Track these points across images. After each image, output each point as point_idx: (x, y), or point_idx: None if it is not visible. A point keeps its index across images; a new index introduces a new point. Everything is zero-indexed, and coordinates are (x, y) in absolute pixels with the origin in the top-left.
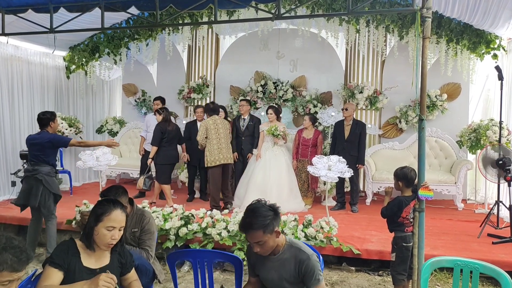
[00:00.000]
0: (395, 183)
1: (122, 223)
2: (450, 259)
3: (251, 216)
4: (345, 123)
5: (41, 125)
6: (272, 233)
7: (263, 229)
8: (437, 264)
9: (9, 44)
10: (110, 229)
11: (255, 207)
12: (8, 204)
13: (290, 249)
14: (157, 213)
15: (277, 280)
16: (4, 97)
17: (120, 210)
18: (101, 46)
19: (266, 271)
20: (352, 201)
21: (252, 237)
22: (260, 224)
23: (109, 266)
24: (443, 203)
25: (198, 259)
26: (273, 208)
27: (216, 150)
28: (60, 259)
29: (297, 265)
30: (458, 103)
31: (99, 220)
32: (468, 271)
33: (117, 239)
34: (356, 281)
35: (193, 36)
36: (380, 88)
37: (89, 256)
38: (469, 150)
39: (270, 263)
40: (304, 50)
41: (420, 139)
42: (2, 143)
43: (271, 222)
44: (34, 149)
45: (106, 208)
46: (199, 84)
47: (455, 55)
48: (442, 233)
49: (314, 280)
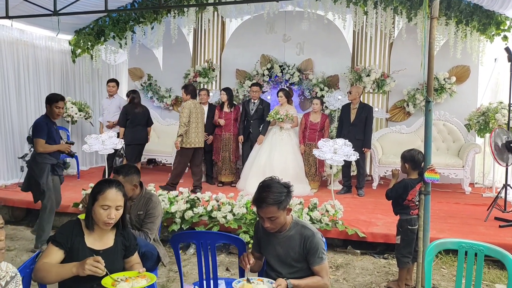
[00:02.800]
0: (401, 165)
1: (117, 202)
2: (455, 241)
3: (267, 191)
4: (352, 106)
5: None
6: (284, 209)
7: (278, 205)
8: (441, 246)
9: (15, 28)
10: (105, 208)
11: (270, 183)
12: (16, 187)
13: (296, 226)
14: (163, 196)
15: (282, 256)
16: (11, 81)
17: (115, 189)
18: (106, 30)
19: (271, 247)
20: (358, 185)
21: (266, 212)
22: (275, 199)
23: (113, 248)
24: (451, 187)
25: (202, 240)
26: (286, 185)
27: (193, 133)
28: (63, 238)
29: (302, 242)
30: (467, 86)
31: (95, 199)
32: (472, 253)
33: (115, 219)
34: (361, 264)
35: (199, 19)
36: (388, 71)
37: (93, 237)
38: (477, 134)
39: (275, 239)
40: (311, 33)
41: (426, 121)
42: (10, 127)
43: (285, 199)
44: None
45: (101, 187)
46: (205, 68)
47: (464, 37)
48: (449, 216)
49: (318, 258)
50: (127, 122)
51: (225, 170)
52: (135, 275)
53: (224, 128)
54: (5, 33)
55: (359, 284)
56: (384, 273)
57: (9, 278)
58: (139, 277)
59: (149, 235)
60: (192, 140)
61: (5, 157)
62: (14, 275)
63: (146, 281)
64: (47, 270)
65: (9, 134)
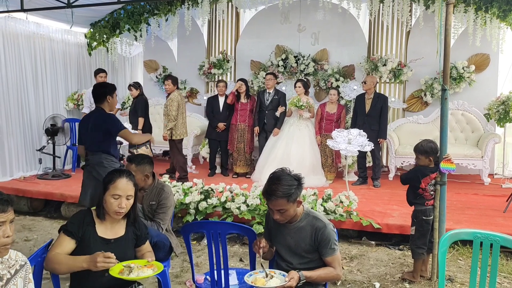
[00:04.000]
0: (416, 158)
1: (128, 191)
2: (470, 231)
3: (277, 183)
4: (366, 96)
5: (96, 101)
6: (294, 202)
7: (287, 198)
8: (456, 236)
9: (31, 21)
10: (116, 197)
11: (280, 175)
12: (34, 179)
13: (307, 217)
14: (177, 187)
15: (293, 247)
16: (28, 74)
17: (126, 179)
18: (121, 22)
19: (282, 238)
20: (374, 176)
21: (275, 205)
22: (285, 192)
23: (124, 238)
24: (469, 178)
25: (212, 230)
26: (297, 177)
27: (181, 124)
28: (74, 227)
29: (313, 233)
30: (487, 74)
31: (106, 189)
32: (488, 243)
33: (125, 208)
34: (375, 255)
35: (213, 10)
36: (405, 60)
37: (104, 226)
38: (497, 123)
39: (286, 230)
40: (326, 23)
41: (442, 110)
42: (28, 120)
43: (295, 192)
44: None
45: (111, 177)
46: (219, 59)
47: (484, 24)
48: (466, 207)
49: (329, 249)
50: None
51: (240, 161)
52: (143, 263)
53: (239, 118)
54: (22, 26)
55: (373, 275)
56: (399, 265)
57: (18, 267)
58: (147, 266)
59: (161, 225)
60: (180, 132)
61: (24, 149)
62: (24, 264)
63: (153, 271)
64: (59, 262)
65: (27, 126)
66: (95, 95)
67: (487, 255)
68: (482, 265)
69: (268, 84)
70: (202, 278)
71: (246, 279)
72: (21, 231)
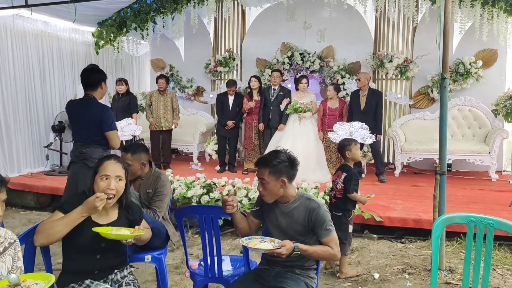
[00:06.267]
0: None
1: (116, 171)
2: (463, 215)
3: (270, 154)
4: (361, 93)
5: (89, 87)
6: (277, 178)
7: (270, 169)
8: (449, 220)
9: (39, 20)
10: (104, 178)
11: (277, 150)
12: (41, 175)
13: (300, 198)
14: (180, 181)
15: (284, 228)
16: (36, 72)
17: (113, 161)
18: (128, 21)
19: (274, 216)
20: (378, 171)
21: (259, 173)
22: (270, 163)
23: (116, 222)
24: (477, 174)
25: (204, 214)
26: (291, 158)
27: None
28: (70, 206)
29: (307, 214)
30: (494, 70)
31: (95, 173)
32: (482, 227)
33: (115, 190)
34: (376, 248)
35: (219, 8)
36: (411, 56)
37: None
38: (504, 118)
39: (278, 209)
40: (332, 20)
41: (442, 99)
42: (35, 117)
43: (281, 167)
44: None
45: (100, 161)
46: (225, 57)
47: (491, 18)
48: (471, 202)
49: (325, 230)
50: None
51: (254, 157)
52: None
53: (254, 116)
54: (29, 25)
55: (373, 266)
56: (399, 256)
57: (7, 244)
58: (132, 230)
59: (157, 212)
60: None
61: (32, 146)
62: (13, 242)
63: (130, 233)
64: (51, 227)
65: (35, 124)
66: (89, 80)
67: (481, 239)
68: (477, 249)
69: (275, 81)
70: (196, 263)
71: (241, 240)
72: (26, 225)
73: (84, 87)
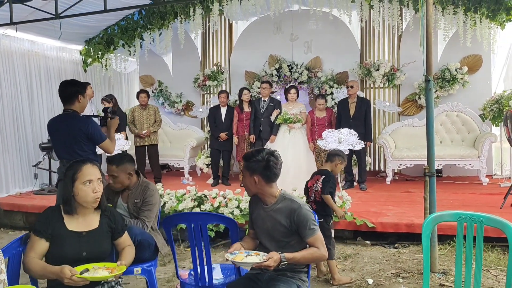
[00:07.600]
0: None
1: (97, 174)
2: (453, 213)
3: (251, 151)
4: (350, 100)
5: (66, 101)
6: (251, 175)
7: (245, 164)
8: (439, 218)
9: (25, 39)
10: (88, 183)
11: (260, 150)
12: (30, 195)
13: (283, 199)
14: (171, 195)
15: (270, 230)
16: (23, 91)
17: (90, 164)
18: (115, 38)
19: (261, 221)
20: (360, 179)
21: (242, 165)
22: (247, 159)
23: (98, 230)
24: (467, 179)
25: (193, 222)
26: (268, 159)
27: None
28: (42, 226)
29: (289, 215)
30: (480, 75)
31: (73, 180)
32: (472, 224)
33: (100, 192)
34: (370, 254)
35: (205, 23)
36: (398, 64)
37: (76, 220)
38: (491, 122)
39: (263, 212)
40: (318, 31)
41: (427, 101)
42: (24, 136)
43: (255, 165)
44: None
45: (75, 167)
46: (214, 71)
47: (474, 25)
48: (463, 205)
49: (309, 230)
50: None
51: None
52: (113, 266)
53: (245, 128)
54: (16, 44)
55: (367, 272)
56: (393, 261)
57: None
58: (108, 269)
59: (146, 222)
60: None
61: (20, 165)
62: None
63: (108, 273)
64: (33, 269)
65: (23, 143)
66: (64, 94)
67: (472, 237)
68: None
69: (264, 93)
70: (186, 273)
71: (227, 256)
72: None
73: (62, 102)
